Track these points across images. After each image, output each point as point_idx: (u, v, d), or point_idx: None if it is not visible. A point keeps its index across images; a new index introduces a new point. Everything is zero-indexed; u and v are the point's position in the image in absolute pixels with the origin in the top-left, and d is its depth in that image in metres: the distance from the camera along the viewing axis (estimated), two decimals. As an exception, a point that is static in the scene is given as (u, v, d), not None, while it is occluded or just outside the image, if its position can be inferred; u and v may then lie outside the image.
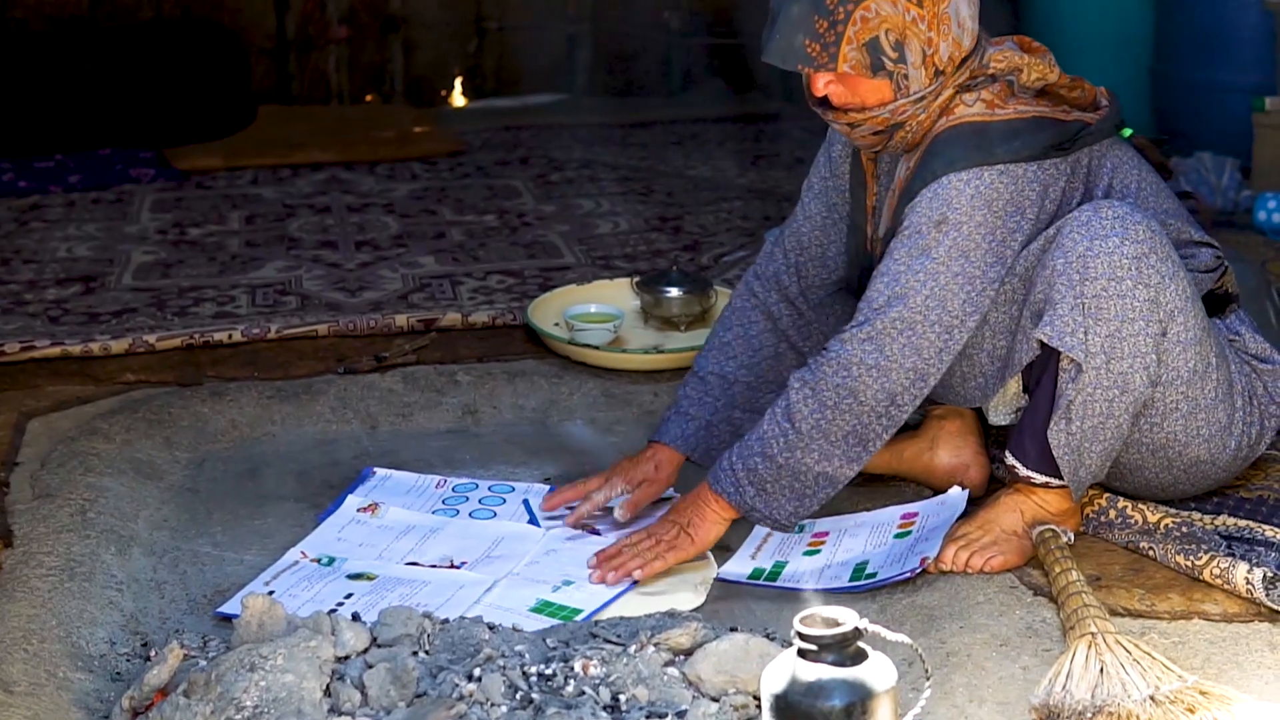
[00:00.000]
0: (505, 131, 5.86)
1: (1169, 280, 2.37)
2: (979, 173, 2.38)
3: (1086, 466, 2.44)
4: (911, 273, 2.39)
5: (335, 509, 2.84)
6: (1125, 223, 2.35)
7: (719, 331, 2.79)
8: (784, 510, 2.47)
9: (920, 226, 2.40)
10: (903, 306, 2.38)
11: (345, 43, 6.28)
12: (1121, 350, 2.36)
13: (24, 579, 2.48)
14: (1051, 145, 2.41)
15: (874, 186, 2.60)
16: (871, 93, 2.41)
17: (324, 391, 3.31)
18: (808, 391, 2.41)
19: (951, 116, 2.43)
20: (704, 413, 2.72)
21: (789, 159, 5.38)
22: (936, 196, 2.39)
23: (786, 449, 2.43)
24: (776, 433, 2.44)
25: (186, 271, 4.18)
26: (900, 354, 2.38)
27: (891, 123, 2.43)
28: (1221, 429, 2.49)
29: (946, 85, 2.42)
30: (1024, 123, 2.41)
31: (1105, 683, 2.06)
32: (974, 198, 2.38)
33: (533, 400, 3.32)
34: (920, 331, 2.38)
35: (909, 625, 2.33)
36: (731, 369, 2.74)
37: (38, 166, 5.24)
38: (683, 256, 4.20)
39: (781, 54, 2.41)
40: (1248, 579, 2.34)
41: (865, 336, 2.39)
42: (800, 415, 2.41)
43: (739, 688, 2.10)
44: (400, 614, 2.23)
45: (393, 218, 4.71)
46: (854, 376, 2.39)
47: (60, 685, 2.20)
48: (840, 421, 2.41)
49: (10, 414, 3.15)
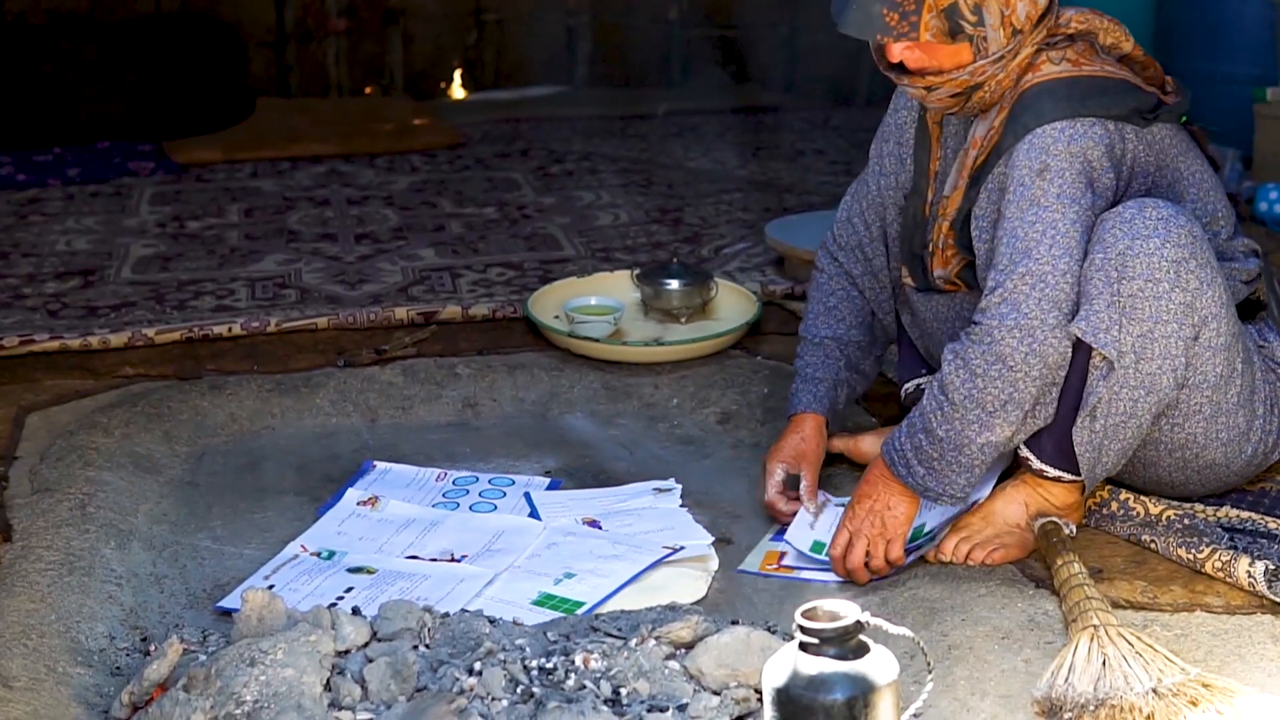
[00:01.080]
0: (505, 124, 5.85)
1: (1206, 286, 2.36)
2: (1072, 123, 2.38)
3: (1103, 463, 2.44)
4: (1027, 224, 2.37)
5: (335, 502, 2.84)
6: (1169, 225, 2.34)
7: (822, 299, 2.83)
8: (956, 484, 2.45)
9: (1024, 179, 2.39)
10: (1028, 260, 2.36)
11: (344, 35, 6.28)
12: (1152, 351, 2.35)
13: (23, 573, 2.48)
14: (1135, 110, 2.42)
15: (939, 150, 2.60)
16: (949, 57, 2.42)
17: (324, 385, 3.30)
18: (959, 363, 2.40)
19: (1038, 73, 2.43)
20: (829, 373, 2.77)
21: (789, 150, 5.37)
22: (1033, 147, 2.39)
23: (945, 422, 2.41)
24: (934, 407, 2.43)
25: (185, 265, 4.18)
26: (1038, 308, 2.35)
27: (971, 84, 2.44)
28: (1240, 434, 2.49)
29: (1025, 44, 2.43)
30: (1111, 82, 2.43)
31: (1108, 675, 2.06)
32: (1070, 144, 2.37)
33: (533, 393, 3.32)
34: (1052, 282, 2.35)
35: (911, 618, 2.33)
36: (843, 331, 2.80)
37: (36, 160, 5.23)
38: (683, 248, 4.19)
39: (859, 24, 2.40)
40: (1249, 572, 2.33)
41: (1000, 299, 2.37)
42: (953, 386, 2.40)
43: (740, 681, 2.10)
44: (400, 608, 2.23)
45: (392, 210, 4.71)
46: (997, 340, 2.36)
47: (60, 680, 2.20)
48: (992, 389, 2.38)
49: (9, 408, 3.15)
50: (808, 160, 5.23)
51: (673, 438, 3.13)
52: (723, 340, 3.43)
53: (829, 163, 5.18)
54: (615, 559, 2.59)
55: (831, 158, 5.24)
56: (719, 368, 3.34)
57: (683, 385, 3.30)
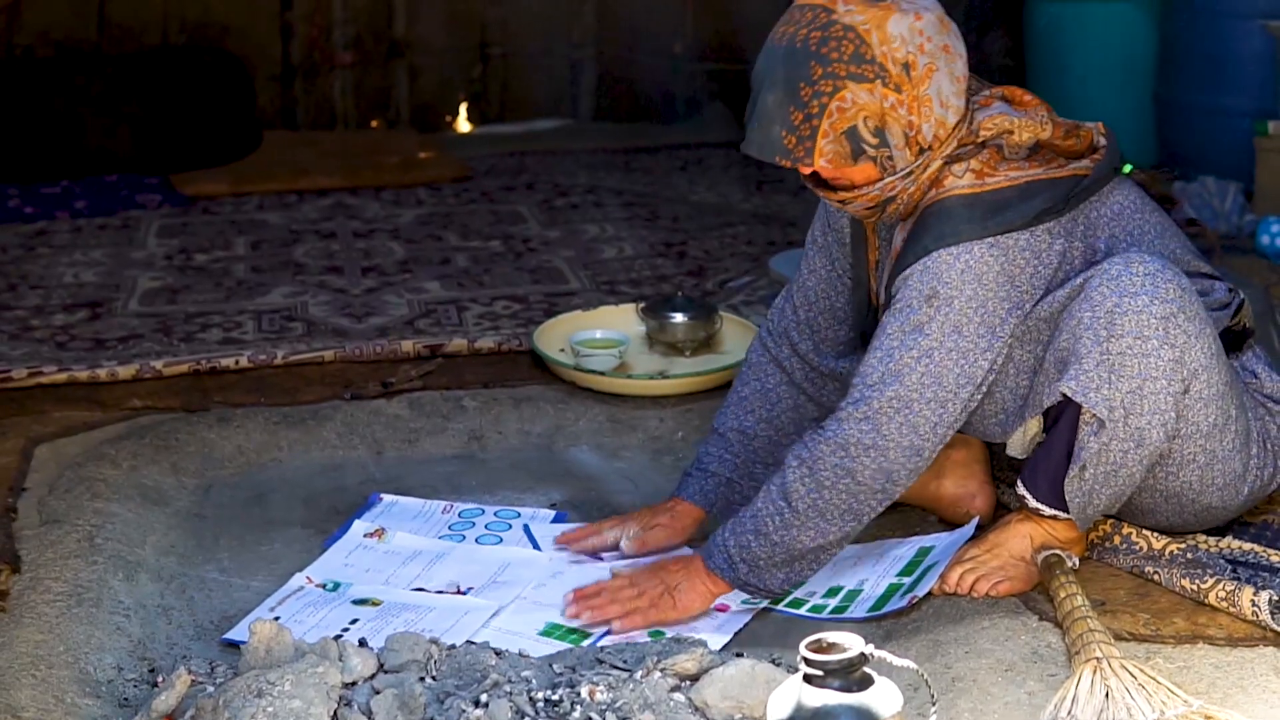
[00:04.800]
0: (510, 157, 5.86)
1: (1195, 340, 2.36)
2: (968, 247, 2.37)
3: (1095, 506, 2.45)
4: (905, 349, 2.38)
5: (342, 534, 2.85)
6: (1155, 280, 2.34)
7: (737, 387, 2.80)
8: (775, 580, 2.48)
9: (911, 301, 2.39)
10: (898, 385, 2.37)
11: (350, 69, 6.30)
12: (1141, 407, 2.35)
13: (32, 605, 2.49)
14: (1044, 210, 2.40)
15: (875, 241, 2.59)
16: (859, 174, 2.41)
17: (330, 417, 3.32)
18: (804, 471, 2.41)
19: (941, 189, 2.41)
20: (724, 469, 2.73)
21: (793, 184, 5.38)
22: (927, 271, 2.38)
23: (782, 527, 2.43)
24: (772, 511, 2.43)
25: (193, 297, 4.20)
26: (898, 432, 2.38)
27: (882, 198, 2.43)
28: (1236, 477, 2.49)
29: (934, 158, 2.40)
30: (1015, 190, 2.39)
31: (1110, 707, 2.06)
32: (964, 272, 2.37)
33: (538, 426, 3.33)
34: (916, 410, 2.37)
35: (914, 650, 2.34)
36: (750, 424, 2.75)
37: (44, 192, 5.24)
38: (687, 282, 4.21)
39: (759, 146, 2.41)
40: (1254, 602, 2.34)
41: (861, 416, 2.38)
42: (797, 495, 2.41)
43: (745, 713, 2.11)
44: (407, 640, 2.24)
45: (398, 243, 4.72)
46: (851, 456, 2.38)
47: (68, 711, 2.21)
48: (837, 500, 2.40)
49: (18, 440, 3.16)
50: (811, 194, 5.18)
51: (678, 471, 3.12)
52: (727, 373, 3.43)
53: (832, 196, 5.19)
54: (620, 591, 2.60)
55: (835, 191, 5.25)
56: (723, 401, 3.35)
57: (688, 418, 3.31)
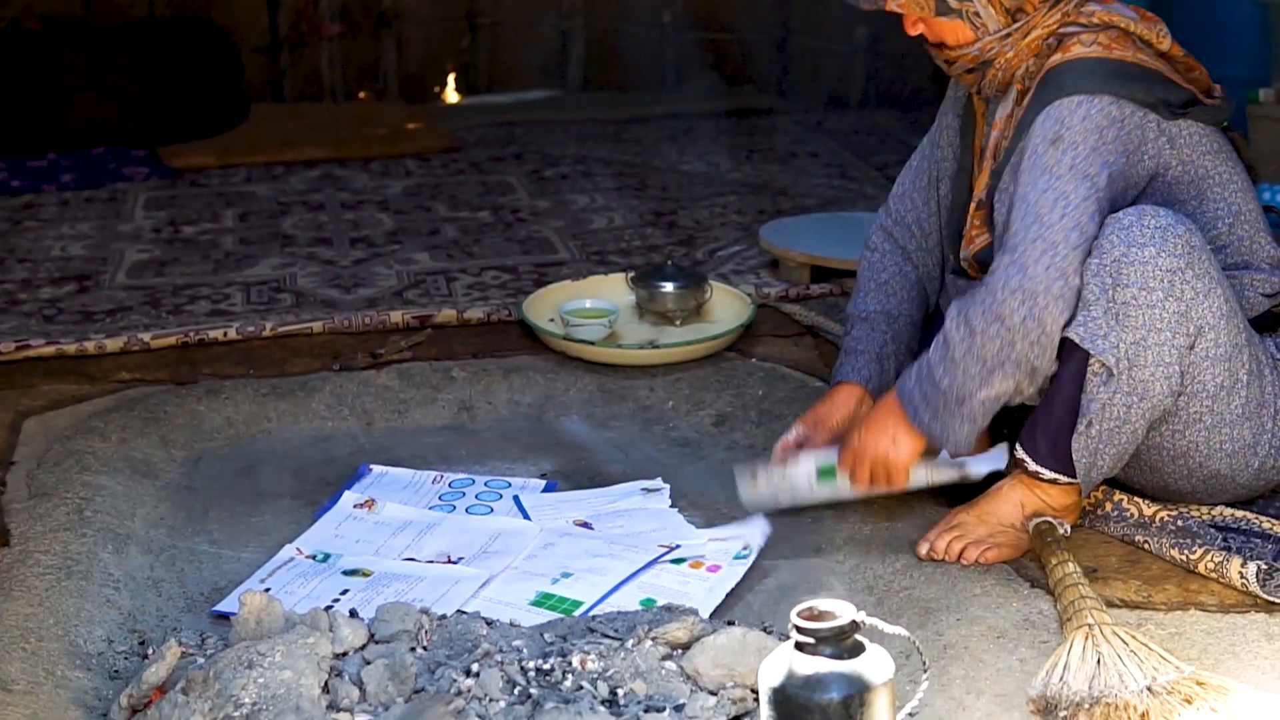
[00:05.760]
0: (499, 127, 5.85)
1: (1203, 296, 2.37)
2: (1091, 98, 2.40)
3: (1099, 468, 2.45)
4: (1039, 191, 2.40)
5: (332, 505, 2.84)
6: (1165, 233, 2.35)
7: (873, 275, 2.83)
8: (960, 433, 2.48)
9: (1038, 147, 2.41)
10: (1040, 226, 2.38)
11: (338, 40, 6.27)
12: (1145, 359, 2.36)
13: (21, 578, 2.48)
14: (1161, 100, 2.44)
15: (983, 125, 2.64)
16: (949, 32, 2.50)
17: (320, 389, 3.31)
18: (960, 319, 2.43)
19: (1067, 54, 2.46)
20: (873, 346, 2.77)
21: (783, 153, 5.38)
22: (1049, 116, 2.41)
23: (947, 374, 2.44)
24: (938, 359, 2.46)
25: (181, 269, 4.18)
26: (1045, 275, 2.37)
27: (980, 60, 2.50)
28: (1245, 446, 2.49)
29: (1034, 24, 2.47)
30: (1141, 69, 2.45)
31: (1102, 674, 2.07)
32: (1085, 119, 2.39)
33: (528, 396, 3.32)
34: (1062, 253, 2.37)
35: (906, 617, 2.34)
36: (893, 305, 2.80)
37: (31, 165, 5.23)
38: (677, 251, 4.20)
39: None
40: (1242, 573, 2.34)
41: (1009, 261, 2.39)
42: (954, 342, 2.43)
43: (736, 681, 2.11)
44: (398, 610, 2.24)
45: (387, 214, 4.71)
46: (999, 300, 2.38)
47: (58, 683, 2.20)
48: (990, 346, 2.40)
49: (6, 413, 3.15)
50: (801, 163, 5.23)
51: (668, 440, 3.14)
52: (717, 343, 3.43)
53: (822, 165, 5.18)
54: (612, 558, 2.60)
55: (825, 160, 5.25)
56: (714, 370, 3.35)
57: (678, 388, 3.30)
